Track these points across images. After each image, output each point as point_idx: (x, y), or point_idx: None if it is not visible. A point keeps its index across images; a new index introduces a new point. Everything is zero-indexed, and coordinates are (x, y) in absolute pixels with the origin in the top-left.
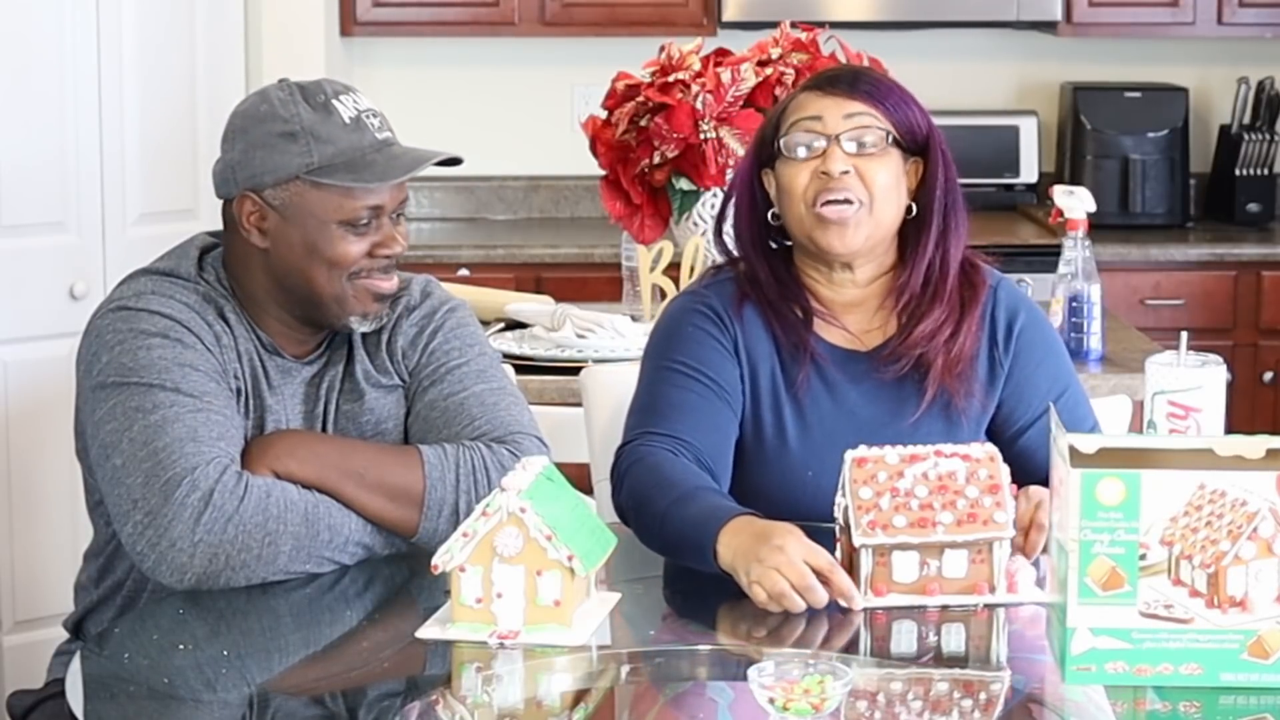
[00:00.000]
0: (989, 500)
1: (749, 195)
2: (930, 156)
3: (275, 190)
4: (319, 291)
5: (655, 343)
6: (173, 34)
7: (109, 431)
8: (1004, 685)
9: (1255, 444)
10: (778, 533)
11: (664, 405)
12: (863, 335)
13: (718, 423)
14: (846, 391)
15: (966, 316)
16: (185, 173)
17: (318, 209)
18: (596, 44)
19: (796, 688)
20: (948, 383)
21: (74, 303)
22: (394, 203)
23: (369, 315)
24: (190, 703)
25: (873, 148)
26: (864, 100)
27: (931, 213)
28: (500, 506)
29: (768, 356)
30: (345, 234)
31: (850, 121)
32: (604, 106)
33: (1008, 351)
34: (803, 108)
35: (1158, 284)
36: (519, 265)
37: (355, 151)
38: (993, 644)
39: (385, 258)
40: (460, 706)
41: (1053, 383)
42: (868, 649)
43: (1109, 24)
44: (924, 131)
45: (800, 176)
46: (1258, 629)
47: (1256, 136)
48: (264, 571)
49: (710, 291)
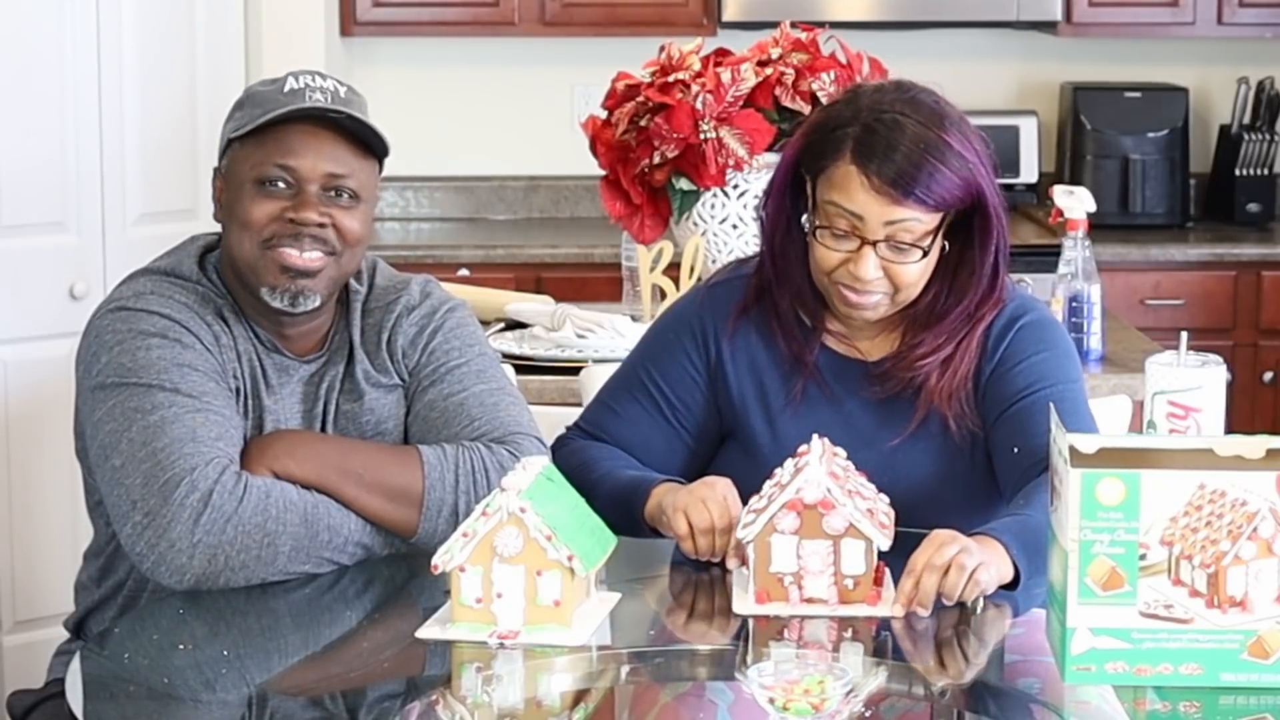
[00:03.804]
0: (761, 504)
1: (781, 197)
2: (976, 218)
3: (223, 161)
4: (238, 258)
5: (646, 337)
6: (173, 34)
7: (108, 432)
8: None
9: (1255, 444)
10: (716, 480)
11: (611, 409)
12: (868, 347)
13: (651, 441)
14: (843, 402)
15: (968, 338)
16: (185, 173)
17: (240, 169)
18: (596, 44)
19: (796, 688)
20: (940, 404)
21: (74, 303)
22: (316, 172)
23: (278, 289)
24: (190, 703)
25: (908, 247)
26: (912, 205)
27: (970, 267)
28: (500, 506)
29: (767, 365)
30: (255, 193)
31: (891, 228)
32: (604, 106)
33: (991, 359)
34: (846, 192)
35: (1158, 284)
36: (519, 265)
37: (272, 103)
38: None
39: (297, 225)
40: (460, 706)
41: (1035, 379)
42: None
43: (1109, 24)
44: (970, 201)
45: (828, 258)
46: (1258, 629)
47: (1256, 136)
48: (263, 572)
49: (719, 292)
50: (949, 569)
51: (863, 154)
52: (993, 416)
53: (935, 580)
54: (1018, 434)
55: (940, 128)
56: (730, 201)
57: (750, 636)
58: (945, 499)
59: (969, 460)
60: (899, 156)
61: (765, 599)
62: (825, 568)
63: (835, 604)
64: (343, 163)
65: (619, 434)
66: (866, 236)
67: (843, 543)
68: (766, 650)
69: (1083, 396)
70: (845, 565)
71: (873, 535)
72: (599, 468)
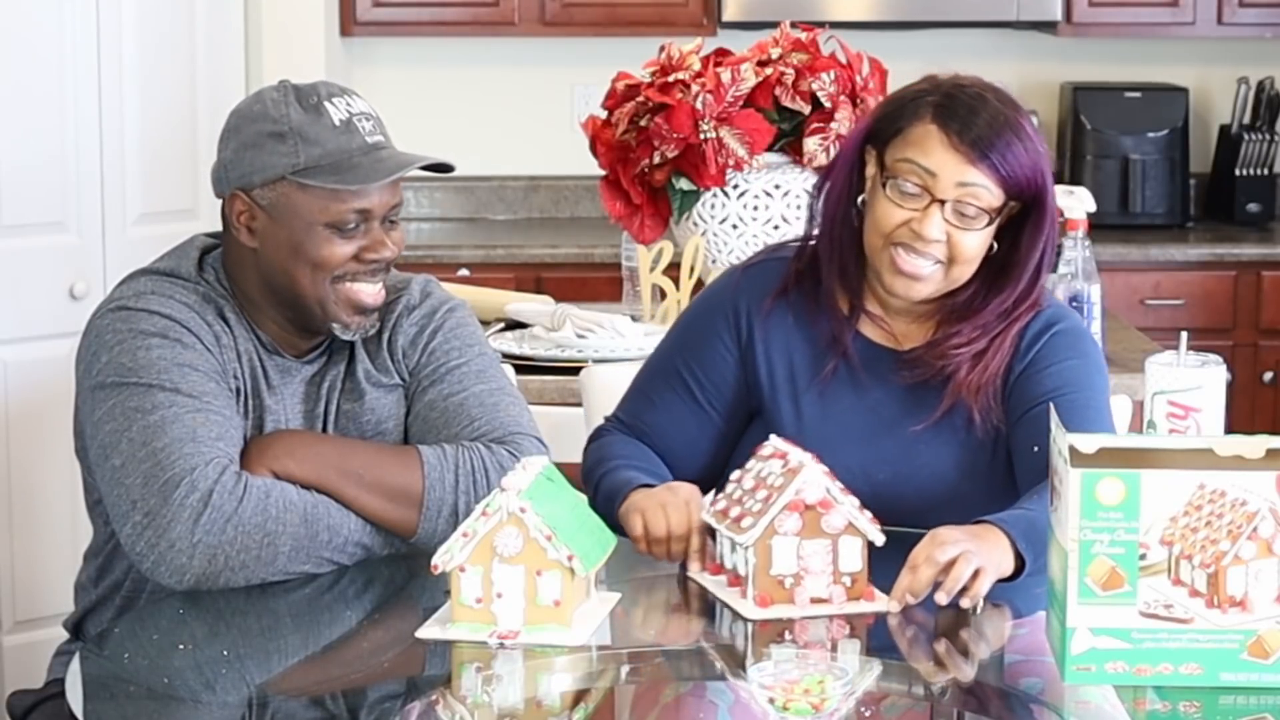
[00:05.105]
0: (758, 507)
1: (847, 171)
2: (1030, 211)
3: (263, 190)
4: (303, 293)
5: (680, 322)
6: (173, 34)
7: (108, 432)
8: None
9: (1255, 444)
10: (680, 485)
11: (647, 396)
12: (902, 335)
13: (685, 425)
14: (871, 387)
15: (1002, 335)
16: (185, 173)
17: (304, 210)
18: (596, 44)
19: (796, 688)
20: (967, 398)
21: (74, 303)
22: (383, 207)
23: (351, 326)
24: (190, 703)
25: (974, 216)
26: (986, 170)
27: (1014, 266)
28: (500, 506)
29: (800, 346)
30: (331, 236)
31: (962, 190)
32: (604, 106)
33: (1023, 359)
34: (923, 148)
35: (1158, 284)
36: (519, 265)
37: (342, 154)
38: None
39: (373, 262)
40: (460, 706)
41: (1063, 384)
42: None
43: (1109, 24)
44: (1033, 191)
45: (891, 215)
46: (1258, 629)
47: (1256, 136)
48: (263, 572)
49: (754, 274)
50: (950, 566)
51: (945, 115)
52: (1017, 415)
53: (932, 573)
54: (1040, 434)
55: (1018, 112)
56: (730, 201)
57: (750, 637)
58: (963, 491)
59: (989, 456)
60: (980, 121)
61: (768, 602)
62: (825, 567)
63: (840, 602)
64: (398, 191)
65: (654, 421)
66: (936, 194)
67: (841, 541)
68: (766, 650)
69: (1107, 408)
70: (843, 563)
71: (869, 532)
72: (607, 465)
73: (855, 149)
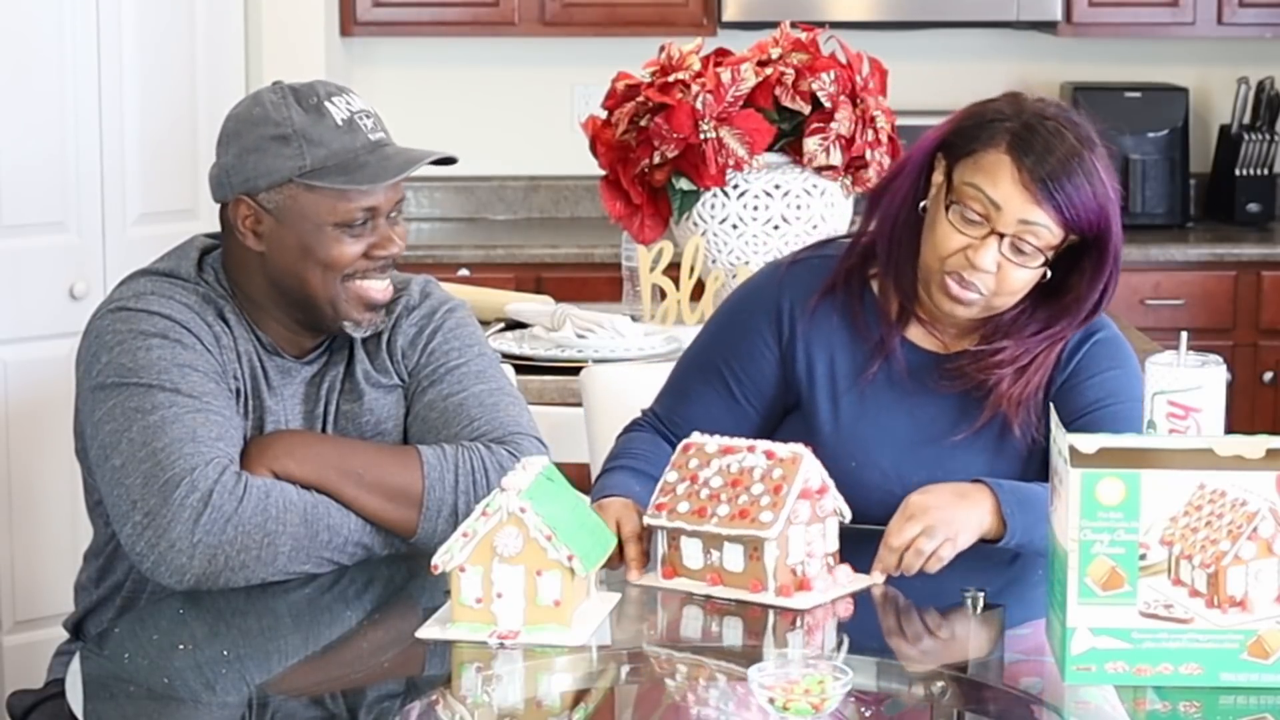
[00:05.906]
0: (766, 499)
1: (914, 176)
2: (1091, 247)
3: (269, 194)
4: (314, 294)
5: (718, 317)
6: (173, 34)
7: (108, 432)
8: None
9: (1255, 444)
10: (609, 502)
11: (683, 391)
12: (948, 340)
13: (721, 422)
14: (911, 391)
15: (1047, 353)
16: (185, 173)
17: (312, 211)
18: (596, 44)
19: (796, 688)
20: (1008, 409)
21: (74, 303)
22: (389, 204)
23: (362, 323)
24: (190, 703)
25: (1029, 254)
26: (1050, 211)
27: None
28: (500, 506)
29: (843, 346)
30: (340, 236)
31: (1023, 227)
32: (604, 106)
33: (1064, 370)
34: (993, 178)
35: (1158, 284)
36: (519, 265)
37: (348, 153)
38: (764, 640)
39: (381, 258)
40: (460, 706)
41: (1105, 395)
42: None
43: (1109, 24)
44: (1095, 232)
45: (950, 240)
46: (1258, 629)
47: (1256, 136)
48: (263, 572)
49: (800, 270)
50: (908, 548)
51: (1020, 147)
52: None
53: (894, 560)
54: None
55: (1094, 151)
56: (730, 201)
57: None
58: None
59: (1023, 467)
60: (1053, 160)
61: (790, 591)
62: (820, 551)
63: (843, 583)
64: (400, 187)
65: (689, 415)
66: (997, 226)
67: (828, 523)
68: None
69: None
70: (829, 544)
71: (842, 509)
72: (611, 463)
73: (927, 155)
